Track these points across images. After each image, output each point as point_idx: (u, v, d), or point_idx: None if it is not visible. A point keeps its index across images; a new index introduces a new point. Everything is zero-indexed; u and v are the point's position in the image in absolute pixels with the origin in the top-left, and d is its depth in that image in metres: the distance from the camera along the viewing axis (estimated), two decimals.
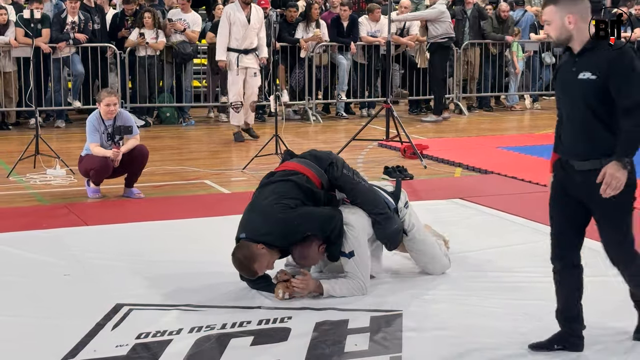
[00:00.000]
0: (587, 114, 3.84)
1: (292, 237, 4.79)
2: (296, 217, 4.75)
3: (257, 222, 4.76)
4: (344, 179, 5.01)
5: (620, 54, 3.77)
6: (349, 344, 4.18)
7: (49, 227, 6.41)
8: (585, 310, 4.17)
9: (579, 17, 3.84)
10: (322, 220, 4.79)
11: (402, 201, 5.28)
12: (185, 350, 4.08)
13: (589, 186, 3.85)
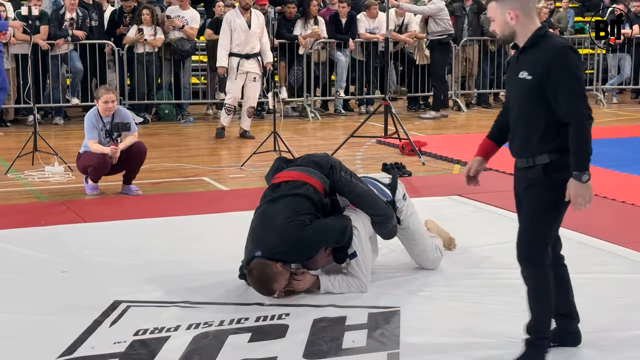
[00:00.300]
0: (522, 112, 3.76)
1: (309, 253, 4.82)
2: (313, 234, 4.75)
3: (273, 241, 4.71)
4: (343, 182, 5.01)
5: (558, 56, 3.63)
6: (347, 341, 4.18)
7: (47, 224, 6.41)
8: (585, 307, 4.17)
9: (521, 12, 3.71)
10: (337, 234, 4.82)
11: (400, 193, 5.29)
12: (183, 347, 4.08)
13: (521, 183, 3.86)
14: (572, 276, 5.13)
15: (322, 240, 4.80)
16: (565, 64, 3.61)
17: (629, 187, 7.67)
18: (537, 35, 3.71)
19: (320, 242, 4.79)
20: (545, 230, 3.83)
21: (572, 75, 3.62)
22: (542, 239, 3.84)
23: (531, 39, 3.71)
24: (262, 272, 4.67)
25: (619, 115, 13.46)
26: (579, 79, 3.64)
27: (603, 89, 14.92)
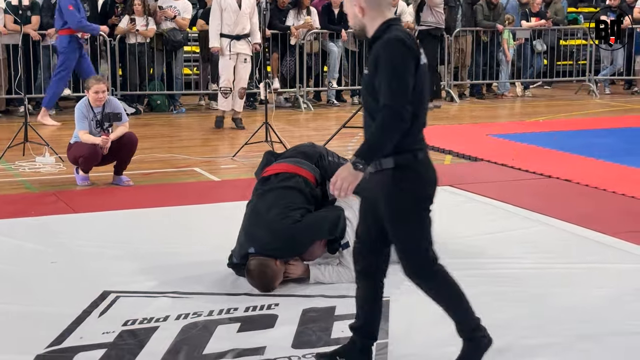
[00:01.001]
0: (365, 111, 3.57)
1: (302, 249, 4.82)
2: (305, 230, 4.75)
3: (265, 238, 4.71)
4: (332, 166, 5.01)
5: (384, 48, 3.44)
6: (336, 331, 4.17)
7: (37, 214, 6.39)
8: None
9: (367, 5, 3.53)
10: (330, 227, 4.81)
11: None
12: (171, 337, 4.07)
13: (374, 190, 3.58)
14: (560, 266, 5.20)
15: (315, 234, 4.79)
16: (387, 56, 3.41)
17: (620, 178, 7.67)
18: (380, 29, 3.53)
19: (313, 237, 4.79)
20: (419, 238, 3.66)
21: (391, 69, 3.40)
22: (421, 248, 3.68)
23: (375, 33, 3.55)
24: (262, 273, 4.68)
25: (611, 106, 13.47)
26: (398, 74, 3.40)
27: (596, 80, 14.92)
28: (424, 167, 3.57)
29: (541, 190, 7.34)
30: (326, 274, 4.87)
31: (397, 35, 3.45)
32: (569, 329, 4.22)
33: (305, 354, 3.90)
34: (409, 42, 3.46)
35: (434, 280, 3.73)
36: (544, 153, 9.00)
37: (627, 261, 5.34)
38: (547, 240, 5.77)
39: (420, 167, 3.55)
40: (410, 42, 3.47)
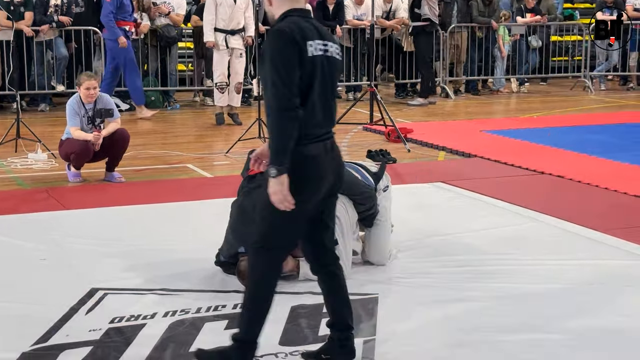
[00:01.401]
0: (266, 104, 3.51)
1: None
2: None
3: (254, 236, 4.68)
4: None
5: (267, 40, 3.47)
6: (324, 328, 4.12)
7: (28, 211, 6.37)
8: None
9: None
10: None
11: (383, 184, 5.28)
12: (158, 335, 4.06)
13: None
14: (552, 262, 5.19)
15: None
16: (268, 49, 3.41)
17: (613, 174, 7.66)
18: (278, 19, 3.55)
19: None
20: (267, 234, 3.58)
21: (270, 61, 3.39)
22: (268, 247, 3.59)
23: (273, 24, 3.58)
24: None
25: (606, 102, 13.46)
26: (275, 66, 3.37)
27: (591, 76, 14.90)
28: (302, 164, 3.46)
29: (533, 187, 7.33)
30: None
31: (279, 27, 3.46)
32: (558, 325, 4.22)
33: (293, 351, 3.89)
34: (290, 33, 3.42)
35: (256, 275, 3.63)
36: (538, 149, 8.98)
37: (617, 257, 5.34)
38: (538, 237, 5.76)
39: (299, 163, 3.44)
40: (293, 32, 3.42)
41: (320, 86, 3.47)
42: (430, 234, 5.81)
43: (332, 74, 3.57)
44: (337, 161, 3.63)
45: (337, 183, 3.65)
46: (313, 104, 3.46)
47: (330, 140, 3.57)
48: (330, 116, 3.58)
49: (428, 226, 6.01)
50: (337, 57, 3.60)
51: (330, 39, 3.60)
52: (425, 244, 5.59)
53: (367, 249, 5.21)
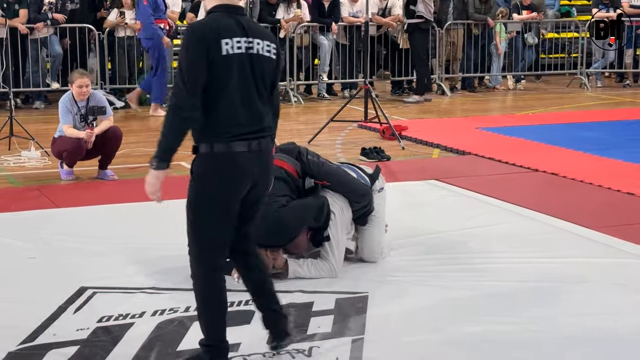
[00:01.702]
0: None
1: (289, 235, 4.80)
2: (291, 213, 4.75)
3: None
4: (311, 163, 5.04)
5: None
6: (312, 326, 4.15)
7: (19, 209, 6.35)
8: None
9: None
10: (315, 212, 4.81)
11: (378, 186, 5.28)
12: (146, 334, 4.04)
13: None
14: (542, 260, 5.18)
15: (301, 219, 4.78)
16: (180, 47, 3.49)
17: (606, 171, 7.65)
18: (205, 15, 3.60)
19: (299, 221, 4.78)
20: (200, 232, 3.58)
21: (179, 61, 3.46)
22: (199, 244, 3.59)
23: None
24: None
25: (602, 99, 13.44)
26: (180, 63, 3.43)
27: (587, 73, 14.89)
28: (218, 162, 3.47)
29: (527, 184, 7.32)
30: (304, 267, 4.85)
31: (192, 24, 3.51)
32: (547, 323, 4.21)
33: (280, 350, 3.87)
34: (199, 31, 3.43)
35: (197, 279, 3.64)
36: (532, 146, 8.97)
37: (609, 255, 5.32)
38: (529, 235, 5.75)
39: (213, 162, 3.47)
40: (204, 30, 3.43)
41: (239, 85, 3.47)
42: (422, 231, 5.80)
43: (261, 73, 3.53)
44: (265, 162, 3.60)
45: (264, 183, 3.64)
46: (229, 103, 3.46)
47: (258, 140, 3.52)
48: (257, 116, 3.53)
49: (420, 224, 5.99)
50: (267, 55, 3.55)
51: (261, 37, 3.56)
52: (417, 241, 5.57)
53: (360, 246, 5.20)
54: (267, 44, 3.56)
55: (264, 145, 3.56)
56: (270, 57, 3.56)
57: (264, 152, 3.57)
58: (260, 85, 3.54)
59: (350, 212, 5.04)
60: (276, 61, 3.60)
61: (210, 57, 3.41)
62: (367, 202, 5.10)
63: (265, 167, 3.60)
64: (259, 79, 3.53)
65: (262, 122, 3.54)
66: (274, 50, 3.59)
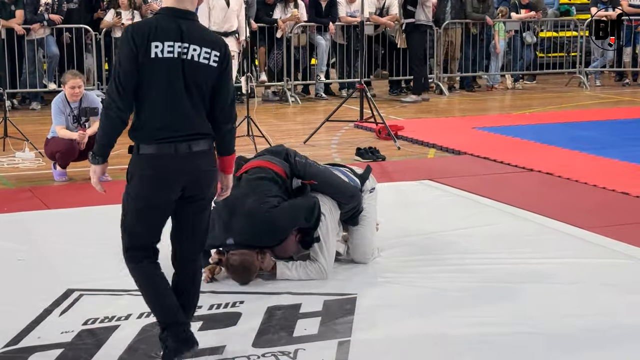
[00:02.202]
0: None
1: (280, 235, 4.77)
2: (282, 214, 4.72)
3: (244, 227, 4.68)
4: (299, 164, 5.02)
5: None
6: (299, 329, 4.12)
7: (10, 211, 6.33)
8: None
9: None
10: (306, 212, 4.78)
11: (369, 185, 5.26)
12: (131, 337, 4.02)
13: None
14: (534, 260, 5.14)
15: (292, 219, 4.75)
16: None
17: (602, 171, 7.62)
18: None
19: (290, 221, 4.75)
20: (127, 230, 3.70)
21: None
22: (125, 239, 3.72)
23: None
24: (246, 269, 4.68)
25: (601, 98, 13.39)
26: (115, 67, 3.56)
27: (586, 72, 14.84)
28: (143, 163, 3.56)
29: (522, 184, 7.28)
30: (293, 270, 4.82)
31: (127, 26, 3.61)
32: (536, 323, 4.18)
33: (265, 353, 3.85)
34: (130, 32, 3.51)
35: (131, 272, 3.79)
36: (528, 146, 8.93)
37: (603, 256, 5.29)
38: (522, 235, 5.71)
39: (139, 162, 3.57)
40: (134, 31, 3.50)
41: (166, 89, 3.52)
42: (414, 232, 5.77)
43: (194, 78, 3.54)
44: (194, 165, 3.60)
45: (196, 187, 3.64)
46: (152, 106, 3.53)
47: (188, 144, 3.55)
48: (184, 120, 3.55)
49: (413, 224, 5.96)
50: (204, 62, 3.55)
51: (200, 43, 3.55)
52: (408, 242, 5.54)
53: (351, 247, 5.17)
54: (207, 51, 3.55)
55: (195, 151, 3.58)
56: (207, 65, 3.56)
57: (193, 156, 3.59)
58: (194, 91, 3.56)
59: (338, 213, 5.01)
60: (217, 69, 3.59)
61: (139, 60, 3.47)
62: (356, 203, 5.07)
63: (194, 170, 3.61)
64: (192, 84, 3.55)
65: (192, 127, 3.57)
66: (214, 57, 3.57)
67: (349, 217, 5.12)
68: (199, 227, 3.75)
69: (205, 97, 3.61)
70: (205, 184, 3.67)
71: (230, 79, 3.67)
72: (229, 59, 3.63)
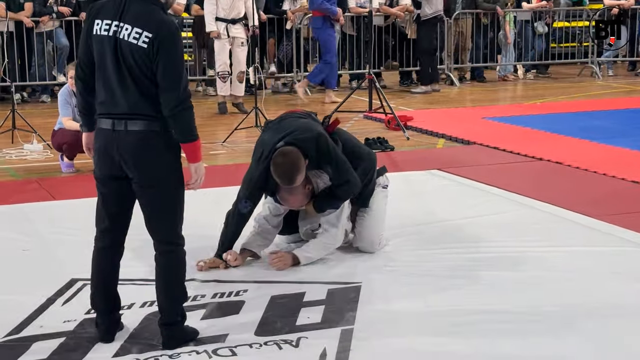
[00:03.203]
0: None
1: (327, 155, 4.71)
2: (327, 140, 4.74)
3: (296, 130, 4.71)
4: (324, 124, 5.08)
5: None
6: (302, 317, 4.09)
7: (17, 202, 6.32)
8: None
9: None
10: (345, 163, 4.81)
11: (383, 182, 5.27)
12: (133, 325, 4.00)
13: None
14: (542, 249, 5.10)
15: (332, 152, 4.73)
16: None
17: (612, 160, 7.55)
18: None
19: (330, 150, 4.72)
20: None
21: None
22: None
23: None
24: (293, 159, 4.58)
25: (613, 88, 13.30)
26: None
27: (598, 62, 14.73)
28: (95, 137, 3.75)
29: (531, 173, 7.23)
30: (312, 251, 4.84)
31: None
32: (543, 311, 4.14)
33: (267, 341, 3.82)
34: (88, 11, 3.76)
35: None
36: (538, 135, 8.87)
37: (609, 244, 5.24)
38: (530, 224, 5.66)
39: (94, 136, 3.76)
40: (91, 10, 3.68)
41: (100, 66, 3.64)
42: (422, 221, 5.73)
43: (124, 58, 3.57)
44: (127, 143, 3.61)
45: (129, 168, 3.65)
46: (97, 81, 3.67)
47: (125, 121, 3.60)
48: (114, 98, 3.62)
49: (420, 214, 5.93)
50: (134, 42, 3.55)
51: (133, 23, 3.56)
52: (415, 231, 5.50)
53: (359, 235, 5.12)
54: (138, 31, 3.55)
55: (131, 128, 3.61)
56: (137, 45, 3.55)
57: (128, 135, 3.61)
58: (124, 70, 3.59)
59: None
60: (147, 50, 3.55)
61: (87, 36, 3.65)
62: (369, 168, 5.07)
63: (128, 150, 3.62)
64: (122, 64, 3.58)
65: (125, 106, 3.61)
66: (145, 38, 3.55)
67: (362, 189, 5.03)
68: (148, 212, 3.76)
69: (143, 78, 3.59)
70: (139, 166, 3.64)
71: (171, 62, 3.56)
72: (166, 41, 3.55)
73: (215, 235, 4.96)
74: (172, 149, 3.68)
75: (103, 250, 3.86)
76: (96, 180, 3.77)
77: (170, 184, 3.71)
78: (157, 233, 3.79)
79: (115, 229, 3.83)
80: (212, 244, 4.94)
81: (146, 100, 3.60)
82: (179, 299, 3.82)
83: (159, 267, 3.82)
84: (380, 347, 3.78)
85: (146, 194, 3.70)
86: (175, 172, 3.70)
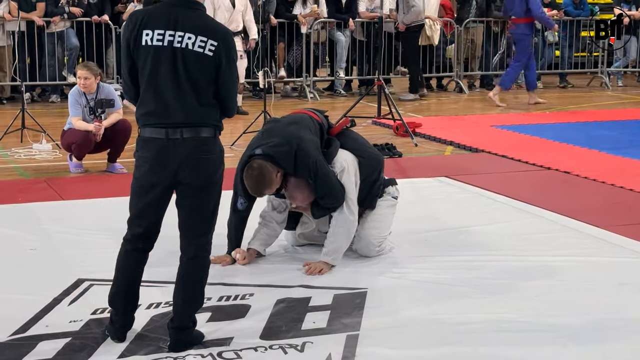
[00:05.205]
0: None
1: (305, 161, 4.69)
2: (311, 145, 4.76)
3: (275, 139, 4.71)
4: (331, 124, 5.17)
5: None
6: (307, 322, 4.09)
7: (25, 201, 6.34)
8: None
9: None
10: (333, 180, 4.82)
11: (393, 192, 5.26)
12: (139, 327, 4.00)
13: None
14: (546, 258, 5.09)
15: (312, 165, 4.70)
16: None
17: (620, 170, 7.54)
18: None
19: (309, 164, 4.69)
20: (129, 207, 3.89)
21: None
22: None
23: None
24: (261, 173, 4.62)
25: (623, 98, 13.27)
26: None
27: (608, 72, 14.71)
28: (140, 145, 3.73)
29: (538, 182, 7.22)
30: (336, 249, 4.86)
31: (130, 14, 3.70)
32: (549, 322, 4.13)
33: (273, 345, 3.82)
34: (128, 20, 3.71)
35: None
36: (547, 145, 8.86)
37: (617, 255, 5.23)
38: (537, 233, 5.65)
39: (138, 145, 3.74)
40: (131, 20, 3.66)
41: (152, 76, 3.62)
42: (428, 229, 5.73)
43: (185, 67, 3.58)
44: (182, 152, 3.63)
45: (183, 173, 3.66)
46: (145, 92, 3.65)
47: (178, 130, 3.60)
48: (168, 108, 3.62)
49: (426, 220, 5.93)
50: (200, 50, 3.58)
51: (195, 32, 3.58)
52: (422, 238, 5.50)
53: (357, 236, 5.07)
54: (202, 39, 3.58)
55: (186, 135, 3.62)
56: (202, 53, 3.59)
57: (184, 142, 3.63)
58: (183, 79, 3.60)
59: (358, 178, 4.98)
60: (214, 57, 3.60)
61: (132, 46, 3.62)
62: (378, 170, 5.11)
63: (185, 155, 3.64)
64: (182, 73, 3.59)
65: (177, 115, 3.61)
66: (210, 46, 3.59)
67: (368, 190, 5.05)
68: (193, 213, 3.76)
69: (204, 86, 3.63)
70: (199, 170, 3.67)
71: (233, 67, 3.67)
72: (229, 48, 3.64)
73: (222, 233, 4.95)
74: (222, 155, 3.78)
75: (134, 253, 3.87)
76: (140, 188, 3.75)
77: (219, 188, 3.79)
78: (193, 235, 3.82)
79: (151, 235, 3.86)
80: (219, 242, 4.92)
81: (203, 108, 3.64)
82: (195, 305, 3.84)
83: (185, 271, 3.83)
84: (385, 354, 3.77)
85: (197, 195, 3.73)
86: (222, 178, 3.79)
